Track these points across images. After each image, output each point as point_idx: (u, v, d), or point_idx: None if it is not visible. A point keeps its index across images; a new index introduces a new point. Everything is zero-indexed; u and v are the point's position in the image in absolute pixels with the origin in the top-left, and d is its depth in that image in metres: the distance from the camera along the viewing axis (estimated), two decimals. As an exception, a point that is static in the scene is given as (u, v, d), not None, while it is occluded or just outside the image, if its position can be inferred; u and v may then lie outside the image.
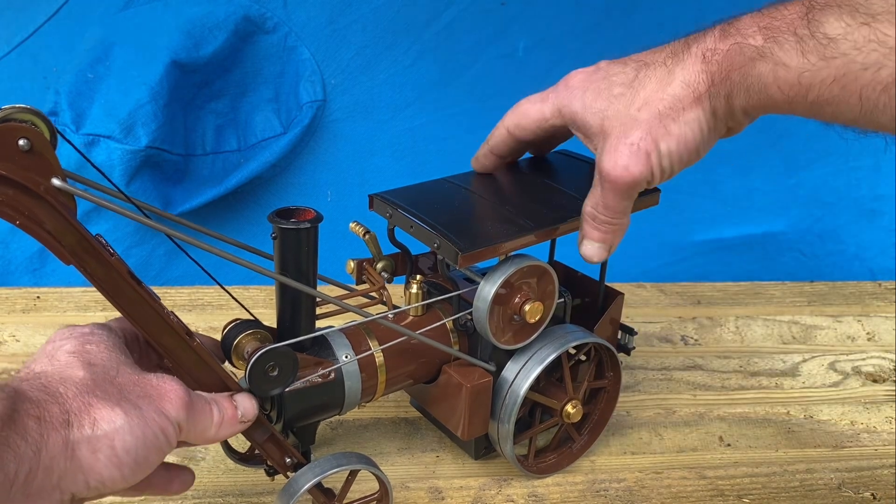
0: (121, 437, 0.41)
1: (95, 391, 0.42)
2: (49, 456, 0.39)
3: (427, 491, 0.63)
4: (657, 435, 0.71)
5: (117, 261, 0.43)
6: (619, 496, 0.63)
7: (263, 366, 0.50)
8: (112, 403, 0.41)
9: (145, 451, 0.42)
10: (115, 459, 0.41)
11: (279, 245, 0.51)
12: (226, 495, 0.61)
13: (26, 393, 0.40)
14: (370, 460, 0.56)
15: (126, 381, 0.44)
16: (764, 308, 0.94)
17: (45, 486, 0.39)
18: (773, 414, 0.75)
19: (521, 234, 0.55)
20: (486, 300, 0.55)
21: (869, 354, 0.86)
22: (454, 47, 0.92)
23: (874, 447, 0.71)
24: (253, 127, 0.92)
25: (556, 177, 0.64)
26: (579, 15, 0.92)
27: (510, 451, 0.61)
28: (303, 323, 0.54)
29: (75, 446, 0.40)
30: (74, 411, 0.40)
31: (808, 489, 0.65)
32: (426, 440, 0.69)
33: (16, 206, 0.40)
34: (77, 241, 0.42)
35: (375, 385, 0.58)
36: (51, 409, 0.40)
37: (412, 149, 0.96)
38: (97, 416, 0.41)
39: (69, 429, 0.40)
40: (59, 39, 0.86)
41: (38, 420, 0.39)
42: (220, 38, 0.86)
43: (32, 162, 0.39)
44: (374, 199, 0.60)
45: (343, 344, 0.57)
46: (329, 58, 0.90)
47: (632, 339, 0.69)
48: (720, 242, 1.04)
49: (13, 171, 0.39)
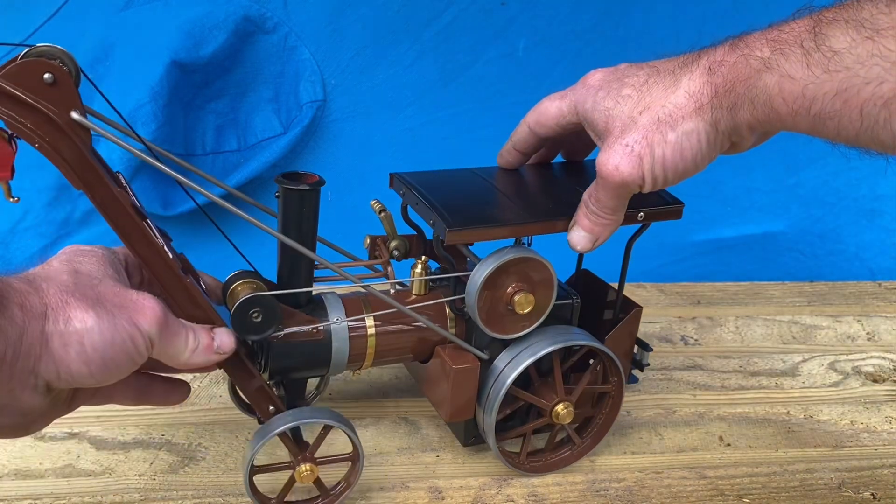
0: (90, 337, 0.44)
1: (74, 293, 0.45)
2: (28, 342, 0.43)
3: (427, 491, 0.63)
4: (657, 435, 0.71)
5: (122, 193, 0.48)
6: (619, 496, 0.63)
7: (248, 310, 0.53)
8: (87, 306, 0.45)
9: (112, 353, 0.45)
10: (84, 356, 0.44)
11: (282, 205, 0.55)
12: (226, 495, 0.61)
13: (12, 283, 0.44)
14: (346, 421, 0.57)
15: (106, 291, 0.47)
16: (764, 308, 0.94)
17: (24, 368, 0.43)
18: (773, 414, 0.75)
19: (515, 221, 0.56)
20: (476, 284, 0.56)
21: (869, 354, 0.86)
22: (454, 47, 0.92)
23: (874, 447, 0.71)
24: (253, 127, 0.92)
25: (582, 180, 0.64)
26: (579, 15, 0.92)
27: (493, 444, 0.61)
28: (298, 280, 0.57)
29: (49, 337, 0.44)
30: (52, 305, 0.44)
31: (808, 489, 0.65)
32: (426, 440, 0.69)
33: (37, 131, 0.44)
34: (87, 169, 0.46)
35: (364, 353, 0.60)
36: (31, 299, 0.44)
37: (412, 149, 0.96)
38: (71, 314, 0.44)
39: (45, 321, 0.44)
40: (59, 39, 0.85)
41: (21, 308, 0.43)
42: (220, 38, 0.86)
43: (55, 94, 0.44)
44: (394, 177, 0.63)
45: (338, 308, 0.59)
46: (329, 58, 0.90)
47: (646, 356, 0.68)
48: (720, 242, 1.04)
49: (37, 101, 0.44)
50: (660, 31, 0.93)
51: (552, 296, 0.59)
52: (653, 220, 0.61)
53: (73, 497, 0.60)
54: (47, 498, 0.59)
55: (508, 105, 0.95)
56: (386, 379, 0.77)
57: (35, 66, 0.44)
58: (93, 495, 0.60)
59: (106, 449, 0.65)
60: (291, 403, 0.60)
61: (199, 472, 0.63)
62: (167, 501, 0.60)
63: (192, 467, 0.64)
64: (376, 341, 0.60)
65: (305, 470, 0.57)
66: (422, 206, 0.58)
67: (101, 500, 0.60)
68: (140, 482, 0.61)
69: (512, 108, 0.95)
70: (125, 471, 0.63)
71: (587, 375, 0.64)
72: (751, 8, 0.93)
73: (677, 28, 0.94)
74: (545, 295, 0.59)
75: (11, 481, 0.61)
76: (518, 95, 0.95)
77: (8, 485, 0.60)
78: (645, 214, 0.60)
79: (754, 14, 0.94)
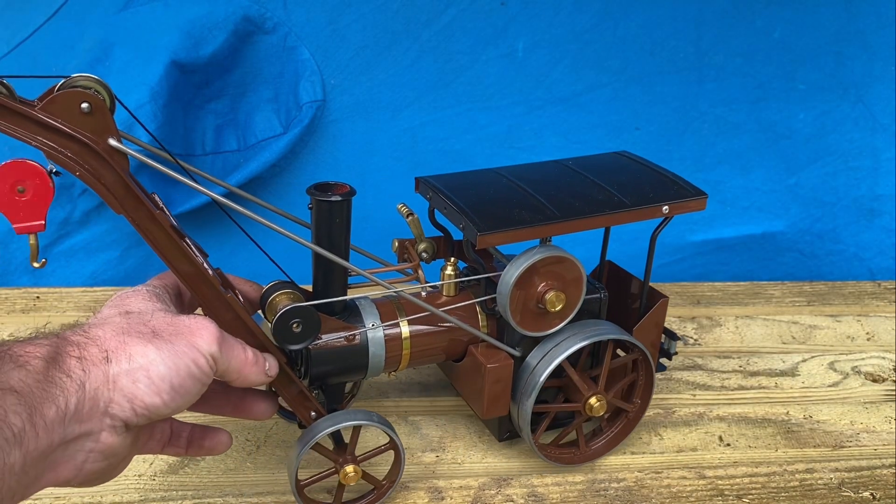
0: (155, 368, 0.46)
1: (130, 332, 0.48)
2: (93, 388, 0.45)
3: (427, 491, 0.63)
4: (657, 435, 0.71)
5: (160, 215, 0.49)
6: (618, 496, 0.63)
7: (288, 321, 0.55)
8: (145, 341, 0.47)
9: (179, 379, 0.47)
10: (154, 387, 0.46)
11: (314, 216, 0.56)
12: (225, 495, 0.61)
13: (69, 338, 0.46)
14: (382, 419, 0.59)
15: (159, 323, 0.49)
16: (763, 308, 0.94)
17: (93, 413, 0.45)
18: (773, 414, 0.75)
19: (544, 221, 0.57)
20: (508, 284, 0.57)
21: (868, 354, 0.86)
22: (454, 47, 0.92)
23: (874, 447, 0.71)
24: (253, 127, 0.92)
25: (605, 174, 0.65)
26: (579, 15, 0.92)
27: (528, 437, 0.62)
28: (334, 289, 0.58)
29: (115, 378, 0.45)
30: (112, 349, 0.46)
31: (808, 489, 0.65)
32: (426, 440, 0.69)
33: (77, 160, 0.46)
34: (127, 194, 0.48)
35: (399, 355, 0.61)
36: (90, 349, 0.46)
37: (412, 149, 0.96)
38: (132, 351, 0.46)
39: (108, 364, 0.46)
40: (59, 39, 0.86)
41: (80, 360, 0.45)
42: (220, 38, 0.86)
43: (92, 123, 0.46)
44: (419, 181, 0.64)
45: (372, 313, 0.60)
46: (329, 58, 0.90)
47: (674, 345, 0.69)
48: (720, 242, 1.04)
49: (76, 130, 0.45)
50: (660, 31, 0.93)
51: (582, 292, 0.61)
52: (678, 212, 0.61)
53: (73, 497, 0.60)
54: (47, 498, 0.59)
55: (508, 105, 0.95)
56: (386, 379, 0.77)
57: (72, 97, 0.45)
58: (93, 495, 0.60)
59: (106, 449, 0.65)
60: (331, 408, 0.61)
61: (199, 472, 0.63)
62: (167, 501, 0.60)
63: (192, 467, 0.64)
64: (411, 344, 0.61)
65: (350, 471, 0.58)
66: (450, 209, 0.59)
67: (100, 500, 0.60)
68: (140, 482, 0.61)
69: (512, 108, 0.96)
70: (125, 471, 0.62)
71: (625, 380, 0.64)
72: (750, 8, 0.94)
73: (677, 28, 0.94)
74: (575, 292, 0.60)
75: (11, 481, 0.61)
76: (518, 95, 0.95)
77: (8, 485, 0.60)
78: (669, 208, 0.60)
79: (753, 14, 0.95)
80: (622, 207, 0.60)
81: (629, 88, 0.96)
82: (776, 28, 0.95)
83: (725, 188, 1.02)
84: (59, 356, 0.44)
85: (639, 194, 0.61)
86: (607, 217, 0.59)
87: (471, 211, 0.58)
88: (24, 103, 0.45)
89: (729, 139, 1.00)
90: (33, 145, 0.45)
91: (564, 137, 0.97)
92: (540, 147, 0.97)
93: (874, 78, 0.99)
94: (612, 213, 0.59)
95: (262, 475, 0.63)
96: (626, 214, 0.60)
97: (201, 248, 0.55)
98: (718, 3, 0.93)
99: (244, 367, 0.52)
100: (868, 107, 1.00)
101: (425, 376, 0.78)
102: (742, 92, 0.98)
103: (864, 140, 1.02)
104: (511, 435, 0.67)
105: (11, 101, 0.44)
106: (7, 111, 0.44)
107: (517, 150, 0.97)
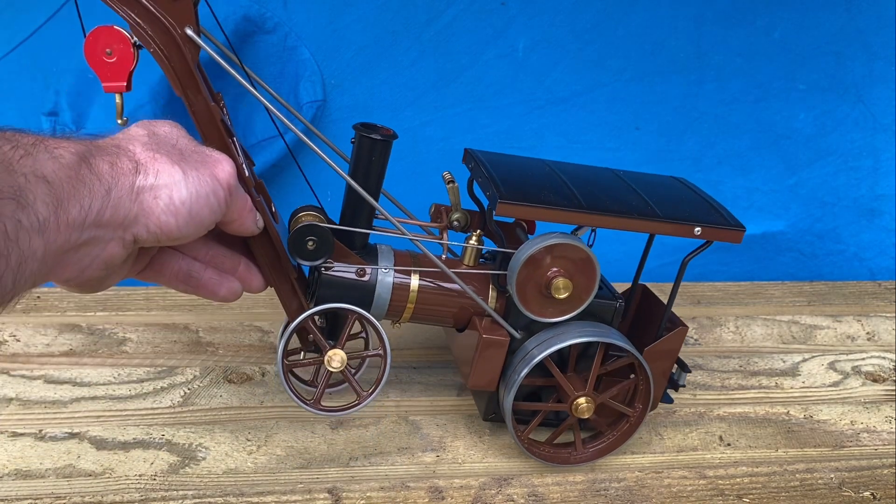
0: (178, 189, 0.48)
1: (160, 150, 0.49)
2: (117, 196, 0.46)
3: (427, 491, 0.63)
4: (657, 434, 0.71)
5: (215, 107, 0.53)
6: (619, 496, 0.63)
7: (304, 236, 0.58)
8: (172, 161, 0.48)
9: (197, 206, 0.49)
10: (172, 208, 0.48)
11: (354, 150, 0.59)
12: (226, 495, 0.61)
13: (101, 145, 0.47)
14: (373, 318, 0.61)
15: (186, 147, 0.51)
16: (764, 308, 0.94)
17: (112, 222, 0.46)
18: (773, 414, 0.75)
19: (568, 207, 0.58)
20: (518, 261, 0.59)
21: (869, 354, 0.86)
22: (454, 47, 0.92)
23: (874, 447, 0.71)
24: (253, 127, 0.92)
25: (649, 188, 0.65)
26: (579, 15, 0.92)
27: (510, 422, 0.62)
28: (357, 223, 0.61)
29: (140, 191, 0.47)
30: (142, 162, 0.47)
31: (808, 489, 0.65)
32: (426, 440, 0.69)
33: (156, 38, 0.51)
34: (189, 79, 0.52)
35: (403, 307, 0.63)
36: (122, 159, 0.47)
37: (412, 149, 0.96)
38: (160, 168, 0.48)
39: (136, 175, 0.47)
40: (59, 39, 0.86)
41: (112, 165, 0.46)
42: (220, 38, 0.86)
43: (176, 9, 0.51)
44: (467, 152, 0.67)
45: (389, 259, 0.63)
46: (329, 58, 0.90)
47: (684, 376, 0.68)
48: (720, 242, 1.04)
49: (160, 12, 0.50)
50: (660, 31, 0.93)
51: (593, 287, 0.61)
52: (712, 239, 0.62)
53: (73, 497, 0.60)
54: (47, 498, 0.59)
55: (508, 105, 0.95)
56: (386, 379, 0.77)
57: None
58: (93, 495, 0.60)
59: (106, 449, 0.65)
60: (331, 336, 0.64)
61: (199, 472, 0.63)
62: (167, 501, 0.60)
63: (192, 467, 0.64)
64: (417, 297, 0.63)
65: (335, 355, 0.59)
66: (484, 179, 0.61)
67: (101, 500, 0.60)
68: (140, 482, 0.61)
69: (512, 108, 0.96)
70: (125, 471, 0.63)
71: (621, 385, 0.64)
72: (750, 8, 0.94)
73: (677, 28, 0.94)
74: (585, 285, 0.61)
75: (11, 481, 0.61)
76: (518, 95, 0.95)
77: (8, 485, 0.60)
78: (702, 231, 0.61)
79: (753, 14, 0.95)
80: (652, 216, 0.60)
81: (629, 88, 0.96)
82: (776, 28, 0.95)
83: (725, 188, 1.02)
84: (92, 156, 0.45)
85: (674, 210, 0.61)
86: (634, 221, 0.59)
87: (500, 181, 0.59)
88: None
89: (729, 139, 1.00)
90: (122, 17, 0.51)
91: (564, 137, 0.97)
92: (540, 147, 0.97)
93: (874, 78, 0.99)
94: (639, 219, 0.59)
95: (263, 475, 0.63)
96: (653, 224, 0.60)
97: (249, 155, 0.60)
98: (718, 3, 0.93)
99: (244, 210, 0.54)
100: (868, 107, 1.00)
101: (425, 376, 0.78)
102: (742, 92, 0.98)
103: (864, 140, 1.02)
104: (496, 417, 0.67)
105: None
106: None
107: (517, 150, 0.97)
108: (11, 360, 0.76)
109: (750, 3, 0.93)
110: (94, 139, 0.48)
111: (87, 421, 0.68)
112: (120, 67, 0.52)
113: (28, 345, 0.78)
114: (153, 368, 0.76)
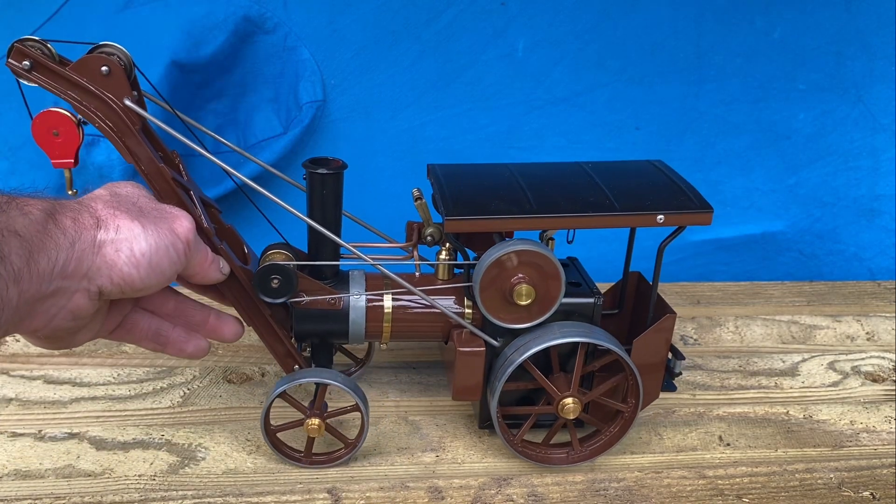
0: (138, 242, 0.51)
1: (120, 207, 0.52)
2: (81, 249, 0.49)
3: (427, 491, 0.63)
4: (657, 434, 0.71)
5: (163, 168, 0.57)
6: (618, 496, 0.63)
7: (269, 274, 0.61)
8: (132, 217, 0.52)
9: (157, 258, 0.52)
10: (134, 259, 0.51)
11: (307, 186, 0.62)
12: (226, 495, 0.61)
13: (66, 203, 0.51)
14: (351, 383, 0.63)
15: (146, 205, 0.55)
16: (763, 308, 0.94)
17: (76, 273, 0.49)
18: (773, 414, 0.75)
19: (515, 214, 0.59)
20: (479, 271, 0.60)
21: (868, 354, 0.86)
22: (454, 47, 0.92)
23: (874, 447, 0.71)
24: (253, 127, 0.92)
25: (615, 178, 0.64)
26: (579, 15, 0.92)
27: (497, 426, 0.63)
28: (324, 255, 0.64)
29: (101, 244, 0.50)
30: (103, 218, 0.51)
31: (808, 489, 0.65)
32: (426, 440, 0.69)
33: (98, 114, 0.55)
34: (136, 146, 0.56)
35: (380, 327, 0.65)
36: (83, 215, 0.50)
37: (412, 149, 0.96)
38: (120, 223, 0.51)
39: (97, 230, 0.50)
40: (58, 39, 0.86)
41: (74, 220, 0.49)
42: (220, 38, 0.86)
43: (111, 84, 0.54)
44: (429, 168, 0.68)
45: (360, 284, 0.65)
46: (329, 58, 0.90)
47: (679, 364, 0.68)
48: (720, 242, 1.04)
49: (97, 88, 0.54)
50: (660, 31, 0.93)
51: (559, 290, 0.61)
52: (677, 224, 0.61)
53: (73, 497, 0.60)
54: (47, 498, 0.59)
55: (508, 105, 0.95)
56: (386, 379, 0.77)
57: (95, 61, 0.53)
58: (93, 495, 0.60)
59: (106, 449, 0.65)
60: (318, 366, 0.66)
61: (199, 472, 0.63)
62: (167, 501, 0.60)
63: (192, 467, 0.64)
64: (392, 317, 0.65)
65: (314, 423, 0.62)
66: (437, 196, 0.62)
67: (101, 500, 0.60)
68: (140, 482, 0.62)
69: (512, 108, 0.96)
70: (125, 471, 0.63)
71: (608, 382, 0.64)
72: (750, 8, 0.94)
73: (677, 28, 0.94)
74: (552, 289, 0.61)
75: (11, 481, 0.61)
76: (518, 95, 0.95)
77: (8, 485, 0.60)
78: (665, 218, 0.60)
79: (753, 14, 0.95)
80: (609, 210, 0.60)
81: (629, 88, 0.96)
82: (776, 28, 0.95)
83: (725, 188, 1.02)
84: (57, 213, 0.49)
85: (635, 201, 0.61)
86: (588, 219, 0.59)
87: (449, 197, 0.60)
88: (61, 63, 0.54)
89: (729, 139, 1.00)
90: (65, 99, 0.54)
91: (564, 137, 0.97)
92: (540, 147, 0.97)
93: (874, 78, 0.99)
94: (594, 216, 0.59)
95: (262, 475, 0.63)
96: (610, 219, 0.60)
97: (213, 204, 0.64)
98: (718, 3, 0.93)
99: (205, 262, 0.57)
100: (868, 107, 1.00)
101: (425, 376, 0.78)
102: (742, 92, 0.98)
103: (864, 140, 1.02)
104: (491, 425, 0.66)
105: (49, 61, 0.53)
106: (45, 69, 0.53)
107: (517, 149, 0.97)
108: (11, 360, 0.76)
109: (750, 4, 0.93)
110: (58, 199, 0.51)
111: (86, 421, 0.68)
112: (67, 146, 0.55)
113: (28, 345, 0.78)
114: (153, 369, 0.76)
